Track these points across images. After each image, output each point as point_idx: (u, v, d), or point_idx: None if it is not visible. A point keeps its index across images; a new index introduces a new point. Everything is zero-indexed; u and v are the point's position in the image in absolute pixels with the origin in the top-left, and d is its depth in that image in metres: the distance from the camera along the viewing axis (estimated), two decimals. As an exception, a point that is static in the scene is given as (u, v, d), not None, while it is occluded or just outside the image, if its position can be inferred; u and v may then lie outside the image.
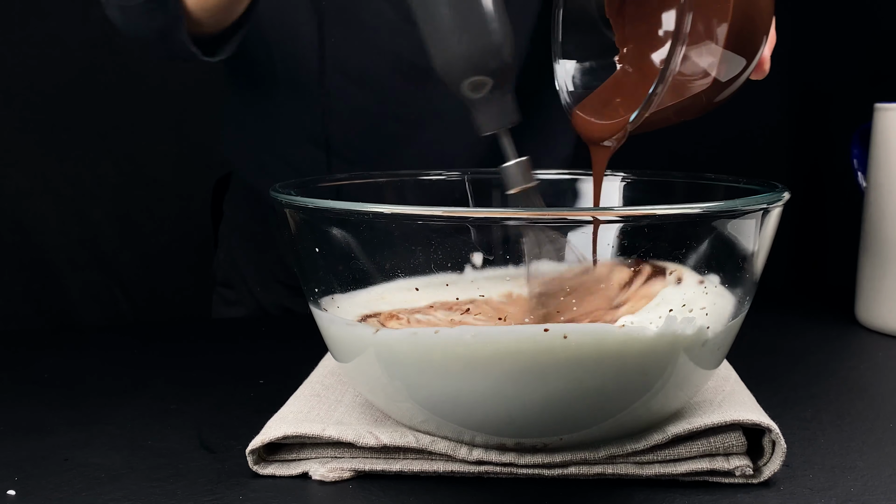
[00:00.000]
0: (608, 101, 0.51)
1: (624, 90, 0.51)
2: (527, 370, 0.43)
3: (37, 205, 1.33)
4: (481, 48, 0.46)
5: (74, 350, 0.73)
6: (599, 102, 0.52)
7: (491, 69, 0.46)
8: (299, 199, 0.47)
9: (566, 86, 0.53)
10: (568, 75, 0.53)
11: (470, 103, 0.48)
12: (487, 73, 0.46)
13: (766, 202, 0.46)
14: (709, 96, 0.46)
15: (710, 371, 0.49)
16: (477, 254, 0.55)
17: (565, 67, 0.53)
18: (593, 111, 0.51)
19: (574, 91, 0.53)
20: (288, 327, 0.83)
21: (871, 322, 0.78)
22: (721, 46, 0.44)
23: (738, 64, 0.46)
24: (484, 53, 0.46)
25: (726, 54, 0.45)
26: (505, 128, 0.49)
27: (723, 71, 0.45)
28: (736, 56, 0.45)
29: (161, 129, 1.35)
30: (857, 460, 0.50)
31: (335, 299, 0.50)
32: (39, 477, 0.48)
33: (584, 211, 0.49)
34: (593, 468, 0.47)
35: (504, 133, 0.49)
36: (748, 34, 0.46)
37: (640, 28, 0.52)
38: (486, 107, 0.48)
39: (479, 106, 0.48)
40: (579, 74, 0.53)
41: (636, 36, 0.52)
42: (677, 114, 0.47)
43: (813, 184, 1.29)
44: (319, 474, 0.47)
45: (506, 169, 0.49)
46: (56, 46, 1.30)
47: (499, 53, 0.46)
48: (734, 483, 0.46)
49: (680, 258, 0.48)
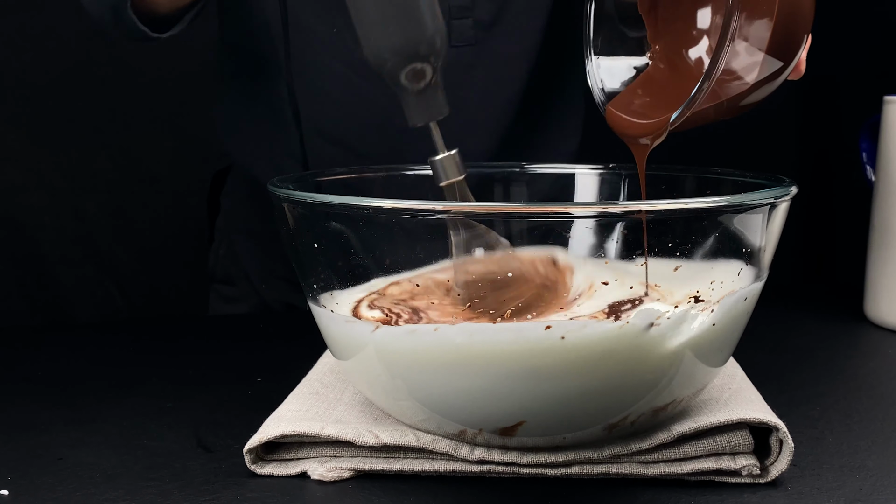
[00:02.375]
0: (640, 98, 0.51)
1: (656, 87, 0.51)
2: (526, 368, 0.43)
3: (30, 199, 1.33)
4: (416, 37, 0.48)
5: (69, 347, 0.73)
6: (632, 99, 0.52)
7: (424, 56, 0.48)
8: (297, 194, 0.46)
9: (598, 82, 0.53)
10: (600, 72, 0.53)
11: (403, 95, 0.49)
12: (421, 59, 0.48)
13: (774, 197, 0.45)
14: (746, 96, 0.46)
15: (715, 368, 0.49)
16: (479, 249, 0.55)
17: (597, 63, 0.53)
18: (626, 108, 0.51)
19: (605, 88, 0.53)
20: (286, 324, 0.82)
21: (880, 318, 0.77)
22: (764, 45, 0.44)
23: (778, 64, 0.46)
24: (419, 42, 0.48)
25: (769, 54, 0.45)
26: (435, 120, 0.50)
27: (764, 70, 0.45)
28: (776, 57, 0.45)
29: (157, 123, 1.35)
30: (866, 459, 0.49)
31: (334, 295, 0.50)
32: (33, 476, 0.48)
33: (590, 205, 0.48)
34: (597, 468, 0.47)
35: (434, 126, 0.51)
36: (790, 34, 0.45)
37: (674, 25, 0.52)
38: (418, 99, 0.49)
39: (412, 98, 0.49)
40: (611, 71, 0.53)
41: (669, 33, 0.52)
42: (717, 112, 0.47)
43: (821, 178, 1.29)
44: (318, 474, 0.47)
45: (436, 162, 0.51)
46: (50, 38, 1.29)
47: (433, 42, 0.48)
48: (741, 483, 0.46)
49: (686, 253, 0.48)
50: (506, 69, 0.83)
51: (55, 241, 1.34)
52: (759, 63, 0.45)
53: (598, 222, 0.47)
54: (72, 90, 1.31)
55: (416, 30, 0.47)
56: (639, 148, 0.51)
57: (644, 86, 0.52)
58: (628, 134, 0.51)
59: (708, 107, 0.46)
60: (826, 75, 1.25)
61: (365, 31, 0.48)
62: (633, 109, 0.51)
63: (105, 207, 1.36)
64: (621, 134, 0.51)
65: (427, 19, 0.47)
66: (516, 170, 0.64)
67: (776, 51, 0.45)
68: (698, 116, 0.47)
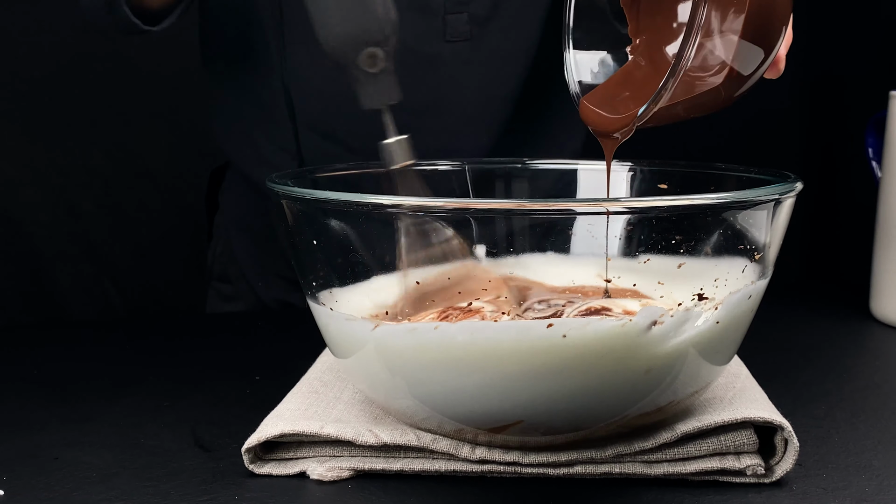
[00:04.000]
0: (617, 92, 0.51)
1: (634, 83, 0.51)
2: (528, 366, 0.42)
3: (25, 195, 1.32)
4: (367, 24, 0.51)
5: (64, 345, 0.73)
6: (608, 94, 0.52)
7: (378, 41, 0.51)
8: (296, 190, 0.46)
9: (575, 75, 0.53)
10: (578, 65, 0.53)
11: (358, 79, 0.52)
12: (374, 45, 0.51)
13: (779, 193, 0.45)
14: (720, 93, 0.46)
15: (719, 367, 0.49)
16: (479, 245, 0.55)
17: (575, 57, 0.53)
18: (601, 102, 0.51)
19: (583, 81, 0.53)
20: (285, 321, 0.82)
21: (886, 316, 0.77)
22: (735, 41, 0.43)
23: (753, 61, 0.45)
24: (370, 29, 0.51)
25: (741, 50, 0.44)
26: (387, 104, 0.53)
27: (736, 67, 0.45)
28: (750, 52, 0.45)
29: (154, 118, 1.34)
30: (873, 459, 0.49)
31: (333, 293, 0.50)
32: (29, 476, 0.47)
33: (593, 202, 0.48)
34: (600, 467, 0.46)
35: (386, 110, 0.53)
36: (764, 29, 0.45)
37: (654, 20, 0.51)
38: (373, 83, 0.52)
39: (366, 82, 0.52)
40: (589, 65, 0.53)
41: (650, 27, 0.52)
42: (687, 110, 0.47)
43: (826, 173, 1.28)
44: (317, 474, 0.47)
45: (386, 146, 0.53)
46: (46, 33, 1.29)
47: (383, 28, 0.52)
48: (745, 483, 0.46)
49: (690, 250, 0.47)
50: (503, 64, 0.82)
51: (50, 238, 1.33)
52: (731, 59, 0.44)
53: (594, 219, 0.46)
54: (67, 85, 1.31)
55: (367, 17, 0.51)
56: (607, 142, 0.51)
57: (622, 81, 0.52)
58: (597, 128, 0.51)
59: (678, 103, 0.45)
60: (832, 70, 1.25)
61: (320, 17, 0.51)
62: (607, 104, 0.51)
63: (101, 204, 1.35)
64: (591, 128, 0.52)
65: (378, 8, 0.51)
66: (518, 166, 0.63)
67: (749, 46, 0.44)
68: (668, 113, 0.46)
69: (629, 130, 0.49)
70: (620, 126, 0.49)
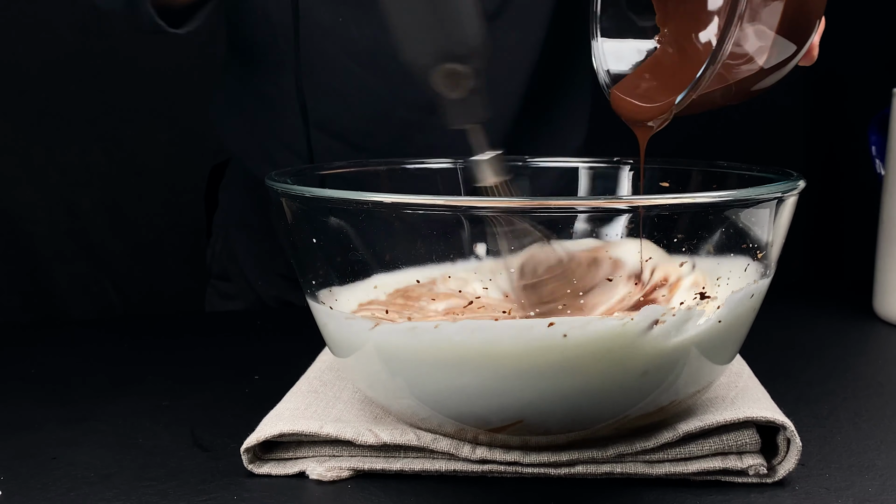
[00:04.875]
0: (648, 81, 0.51)
1: (664, 71, 0.51)
2: (528, 365, 0.42)
3: (23, 194, 1.32)
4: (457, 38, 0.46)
5: (63, 345, 0.73)
6: (639, 83, 0.51)
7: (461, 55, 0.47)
8: (296, 188, 0.46)
9: (604, 65, 0.52)
10: (605, 55, 0.52)
11: (444, 97, 0.48)
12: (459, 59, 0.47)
13: (781, 191, 0.45)
14: (755, 81, 0.45)
15: (722, 366, 0.49)
16: (480, 244, 0.54)
17: (603, 47, 0.52)
18: (632, 92, 0.51)
19: (611, 70, 0.52)
20: (284, 320, 0.82)
21: (889, 315, 0.77)
22: (774, 28, 0.43)
23: (789, 48, 0.45)
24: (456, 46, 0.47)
25: (778, 37, 0.44)
26: (474, 123, 0.49)
27: (773, 55, 0.45)
28: (787, 39, 0.44)
29: (153, 116, 1.35)
30: (875, 459, 0.49)
31: (333, 292, 0.50)
32: (26, 476, 0.47)
33: (593, 200, 0.48)
34: (601, 467, 0.46)
35: (474, 128, 0.49)
36: (802, 17, 0.45)
37: (683, 8, 0.51)
38: (459, 102, 0.48)
39: (452, 101, 0.48)
40: (617, 53, 0.52)
41: (679, 15, 0.51)
42: (724, 97, 0.46)
43: (829, 171, 1.28)
44: (317, 473, 0.47)
45: (476, 163, 0.49)
46: (44, 30, 1.29)
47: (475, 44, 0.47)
48: (747, 483, 0.46)
49: (692, 249, 0.47)
50: (510, 61, 0.82)
51: (48, 236, 1.34)
52: (769, 46, 0.44)
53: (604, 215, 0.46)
54: (65, 82, 1.31)
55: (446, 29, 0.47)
56: (642, 131, 0.51)
57: (651, 69, 0.51)
58: (633, 117, 0.51)
59: (715, 90, 0.45)
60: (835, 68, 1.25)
61: (402, 35, 0.47)
62: (639, 93, 0.50)
63: (99, 202, 1.36)
64: (625, 117, 0.51)
65: (465, 23, 0.47)
66: (519, 164, 0.63)
67: (787, 34, 0.44)
68: (705, 100, 0.46)
69: (667, 118, 0.48)
70: (657, 114, 0.49)
